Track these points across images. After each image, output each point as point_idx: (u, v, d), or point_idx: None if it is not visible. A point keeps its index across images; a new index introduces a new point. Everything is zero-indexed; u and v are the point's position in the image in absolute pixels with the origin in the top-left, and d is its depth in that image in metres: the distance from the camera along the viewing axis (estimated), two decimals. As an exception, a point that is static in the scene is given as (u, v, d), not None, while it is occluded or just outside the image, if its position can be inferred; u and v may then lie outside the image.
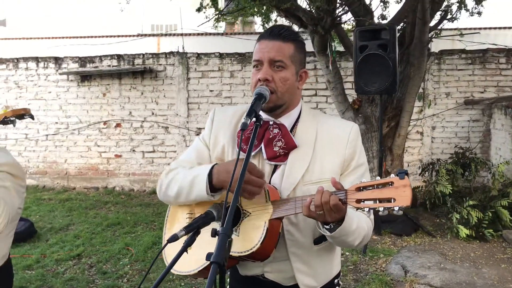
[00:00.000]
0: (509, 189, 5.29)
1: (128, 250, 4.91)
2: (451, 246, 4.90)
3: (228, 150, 1.60)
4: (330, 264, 1.64)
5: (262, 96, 1.44)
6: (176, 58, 7.84)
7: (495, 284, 3.94)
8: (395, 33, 4.86)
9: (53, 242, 5.17)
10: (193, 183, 1.48)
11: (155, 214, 6.35)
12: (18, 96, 8.26)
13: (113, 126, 8.06)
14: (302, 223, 1.52)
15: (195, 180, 1.48)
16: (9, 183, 1.77)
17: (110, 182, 8.10)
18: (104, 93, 8.04)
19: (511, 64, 7.20)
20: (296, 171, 1.51)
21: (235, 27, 14.66)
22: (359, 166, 1.56)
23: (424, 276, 4.10)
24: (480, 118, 7.26)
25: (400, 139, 5.76)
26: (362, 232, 1.47)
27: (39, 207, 6.75)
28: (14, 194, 1.78)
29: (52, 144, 8.23)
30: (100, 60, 8.07)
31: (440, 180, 5.70)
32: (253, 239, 1.40)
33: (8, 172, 1.79)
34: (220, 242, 1.09)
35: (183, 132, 7.87)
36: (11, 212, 1.73)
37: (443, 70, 7.31)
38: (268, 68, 1.49)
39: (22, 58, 8.28)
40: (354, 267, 4.43)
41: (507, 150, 6.39)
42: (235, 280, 1.71)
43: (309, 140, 1.55)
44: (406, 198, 1.18)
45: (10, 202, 1.74)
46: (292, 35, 1.54)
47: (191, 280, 4.11)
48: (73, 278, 4.21)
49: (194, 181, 1.48)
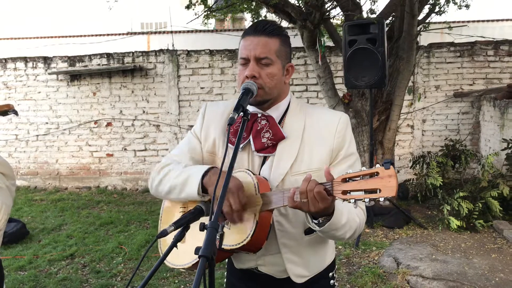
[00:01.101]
0: (498, 180, 5.35)
1: (121, 249, 4.90)
2: (443, 238, 4.95)
3: (219, 143, 1.62)
4: (323, 254, 1.65)
5: (249, 91, 1.45)
6: (166, 55, 7.82)
7: (485, 274, 3.99)
8: (383, 27, 4.88)
9: (45, 243, 5.15)
10: (186, 183, 1.50)
11: (148, 213, 6.35)
12: (7, 96, 8.18)
13: (104, 125, 8.03)
14: (292, 214, 1.53)
15: (188, 180, 1.49)
16: (4, 183, 1.78)
17: (102, 181, 8.07)
18: (94, 92, 7.99)
19: (499, 56, 7.27)
20: (284, 162, 1.52)
21: (225, 24, 14.62)
22: (349, 156, 1.56)
23: (416, 267, 4.14)
24: (470, 111, 7.33)
25: (391, 132, 5.79)
26: (353, 225, 1.47)
27: (31, 208, 6.71)
28: (8, 193, 1.79)
29: (43, 145, 8.18)
30: (90, 59, 8.02)
31: (431, 173, 5.75)
32: (244, 232, 1.41)
33: (1, 172, 1.79)
34: (208, 236, 1.10)
35: (174, 130, 7.86)
36: (7, 211, 1.75)
37: (432, 63, 7.36)
38: (255, 65, 1.50)
39: (10, 58, 8.20)
40: (347, 260, 4.46)
41: (496, 141, 6.46)
42: (231, 274, 1.73)
43: (297, 130, 1.56)
44: (391, 189, 1.19)
45: (7, 201, 1.75)
46: (277, 30, 1.54)
47: (185, 277, 4.12)
48: (66, 278, 4.19)
49: (186, 181, 1.50)
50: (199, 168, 1.51)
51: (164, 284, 4.01)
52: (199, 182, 1.46)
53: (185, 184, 1.50)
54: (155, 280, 4.02)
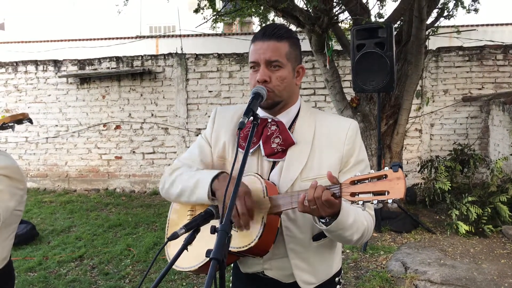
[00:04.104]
0: (507, 185, 5.31)
1: (130, 251, 4.94)
2: (451, 242, 4.92)
3: (229, 147, 1.63)
4: (330, 261, 1.64)
5: (259, 95, 1.46)
6: (174, 59, 7.87)
7: (494, 280, 3.96)
8: (392, 31, 4.89)
9: (55, 244, 5.20)
10: (196, 186, 1.51)
11: (156, 215, 6.38)
12: (17, 99, 8.29)
13: (112, 128, 8.09)
14: (301, 219, 1.53)
15: (199, 184, 1.50)
16: (2, 186, 1.78)
17: (111, 183, 8.13)
18: (104, 95, 8.06)
19: (508, 60, 7.23)
20: (294, 168, 1.53)
21: (233, 28, 14.67)
22: (359, 163, 1.56)
23: (424, 272, 4.12)
24: (478, 115, 7.29)
25: (399, 136, 5.78)
26: (361, 227, 1.46)
27: (40, 210, 6.77)
28: (8, 196, 1.79)
29: (52, 147, 8.25)
30: (99, 62, 8.09)
31: (439, 177, 5.72)
32: (252, 234, 1.42)
33: (5, 175, 1.80)
34: (219, 238, 1.12)
35: (182, 133, 7.89)
36: (3, 214, 1.76)
37: (441, 67, 7.34)
38: (265, 69, 1.51)
39: (21, 62, 8.31)
40: (354, 264, 4.45)
41: (505, 146, 6.42)
42: (237, 278, 1.73)
43: (307, 136, 1.56)
44: (400, 191, 1.20)
45: (2, 204, 1.76)
46: (286, 33, 1.55)
47: (193, 279, 4.13)
48: (75, 279, 4.23)
49: (197, 184, 1.51)
50: (209, 173, 1.52)
51: (172, 286, 4.04)
52: (208, 186, 1.47)
53: (196, 187, 1.51)
54: (163, 282, 4.04)
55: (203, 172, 1.56)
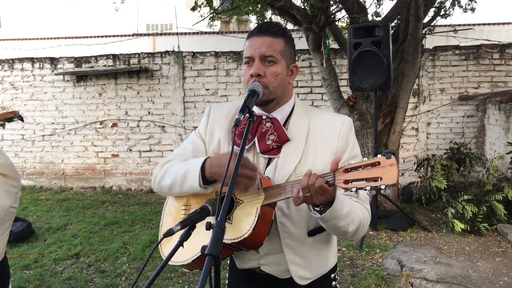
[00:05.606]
0: (503, 184, 5.33)
1: (126, 248, 4.93)
2: (447, 241, 4.94)
3: (224, 144, 1.64)
4: (326, 257, 1.65)
5: (255, 93, 1.47)
6: (171, 57, 7.86)
7: (490, 277, 3.98)
8: (389, 30, 4.89)
9: (51, 242, 5.19)
10: (186, 175, 1.52)
11: (152, 213, 6.37)
12: (14, 97, 8.26)
13: (109, 125, 8.07)
14: (295, 214, 1.54)
15: (188, 173, 1.51)
16: None
17: (107, 181, 8.12)
18: (100, 93, 8.04)
19: (504, 59, 7.26)
20: (288, 164, 1.54)
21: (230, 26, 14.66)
22: (352, 158, 1.57)
23: (420, 270, 4.14)
24: (475, 114, 7.31)
25: (395, 135, 5.79)
26: (356, 218, 1.47)
27: (37, 208, 6.75)
28: (3, 194, 1.79)
29: (48, 145, 8.23)
30: (96, 60, 8.07)
31: (435, 176, 5.75)
32: (245, 225, 1.42)
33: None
34: (214, 234, 1.12)
35: (179, 131, 7.89)
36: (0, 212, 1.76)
37: (437, 66, 7.36)
38: (260, 63, 1.52)
39: (17, 59, 8.27)
40: (350, 262, 4.46)
41: (501, 145, 6.44)
42: (233, 274, 1.74)
43: (301, 133, 1.58)
44: (393, 176, 1.21)
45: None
46: (281, 31, 1.56)
47: (189, 277, 4.14)
48: (72, 277, 4.23)
49: (187, 173, 1.52)
50: (199, 160, 1.53)
51: (168, 284, 4.04)
52: (199, 172, 1.47)
53: (186, 176, 1.51)
54: (159, 280, 4.04)
55: (192, 160, 1.57)
